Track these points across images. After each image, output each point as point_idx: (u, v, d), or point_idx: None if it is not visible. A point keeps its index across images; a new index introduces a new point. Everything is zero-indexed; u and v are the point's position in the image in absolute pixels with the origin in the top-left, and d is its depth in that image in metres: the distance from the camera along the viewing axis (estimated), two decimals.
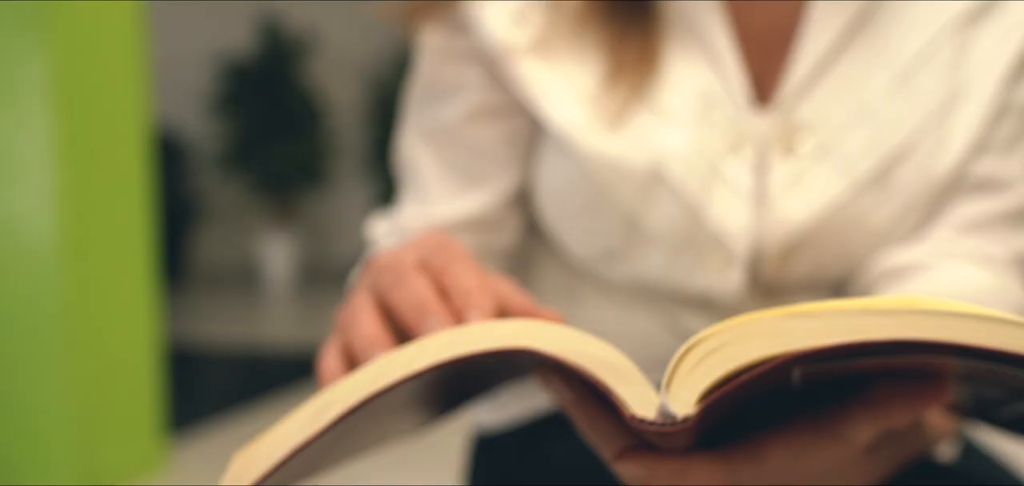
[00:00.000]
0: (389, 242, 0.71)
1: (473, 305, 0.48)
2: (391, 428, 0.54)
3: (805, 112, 0.64)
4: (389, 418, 0.49)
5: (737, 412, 0.42)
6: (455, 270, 0.50)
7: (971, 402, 0.48)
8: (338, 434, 0.42)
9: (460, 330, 0.38)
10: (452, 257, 0.51)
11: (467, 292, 0.48)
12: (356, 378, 0.38)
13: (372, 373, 0.38)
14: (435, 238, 0.54)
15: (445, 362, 0.38)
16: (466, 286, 0.49)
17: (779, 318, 0.34)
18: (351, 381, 0.38)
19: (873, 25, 0.64)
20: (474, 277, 0.49)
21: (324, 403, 0.38)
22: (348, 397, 0.38)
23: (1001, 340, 0.33)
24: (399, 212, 0.72)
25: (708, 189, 0.63)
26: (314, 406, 0.38)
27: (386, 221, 0.72)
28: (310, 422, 0.38)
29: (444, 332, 0.38)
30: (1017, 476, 0.67)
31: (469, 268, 0.50)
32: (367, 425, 0.46)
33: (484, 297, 0.48)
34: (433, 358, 0.38)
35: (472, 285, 0.49)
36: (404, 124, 0.73)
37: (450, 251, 0.52)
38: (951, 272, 0.62)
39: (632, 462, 0.40)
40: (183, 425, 2.63)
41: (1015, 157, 0.64)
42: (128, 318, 2.30)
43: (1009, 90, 0.64)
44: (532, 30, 0.66)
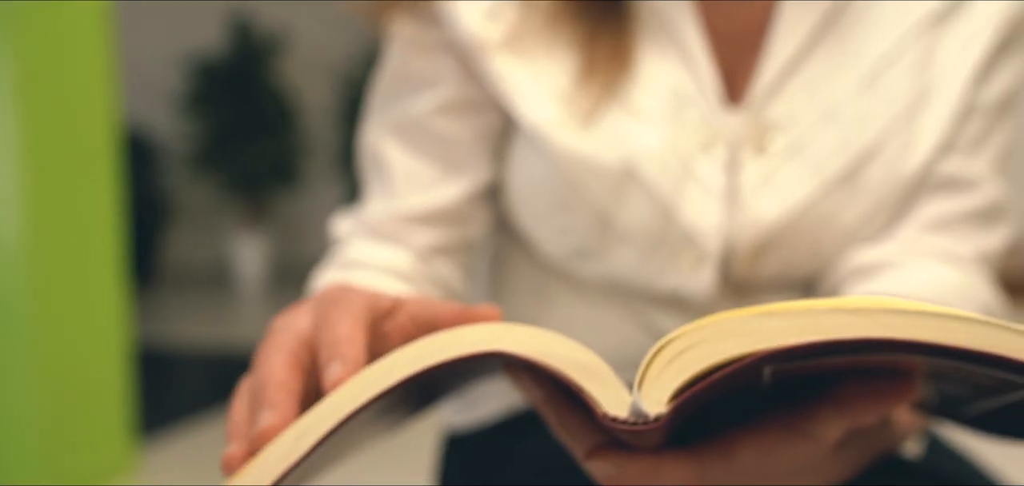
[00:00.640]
0: (354, 238, 0.70)
1: (336, 356, 0.43)
2: (364, 436, 0.54)
3: (775, 111, 0.64)
4: (363, 428, 0.49)
5: (708, 410, 0.42)
6: (330, 321, 0.46)
7: (937, 400, 0.49)
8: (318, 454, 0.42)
9: (433, 338, 0.38)
10: (334, 307, 0.47)
11: (334, 343, 0.44)
12: (333, 400, 0.38)
13: (349, 393, 0.38)
14: (331, 293, 0.50)
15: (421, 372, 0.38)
16: (334, 338, 0.45)
17: (749, 318, 0.35)
18: (327, 404, 0.38)
19: (842, 25, 0.65)
20: (346, 328, 0.45)
21: (303, 429, 0.38)
22: (326, 421, 0.38)
23: (965, 339, 0.33)
24: (364, 208, 0.71)
25: (680, 188, 0.64)
26: (294, 433, 0.38)
27: (350, 218, 0.72)
28: (292, 450, 0.38)
29: (418, 342, 0.38)
30: (981, 472, 0.68)
31: (345, 319, 0.46)
32: (343, 440, 0.46)
33: (351, 347, 0.44)
34: (407, 370, 0.38)
35: (341, 336, 0.45)
36: (369, 117, 0.72)
37: (338, 303, 0.47)
38: (919, 271, 0.63)
39: (603, 460, 0.40)
40: (154, 427, 2.61)
41: (981, 157, 0.65)
42: (97, 319, 2.28)
43: (975, 91, 0.65)
44: (505, 26, 0.66)
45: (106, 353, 2.30)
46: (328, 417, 0.38)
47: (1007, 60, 0.65)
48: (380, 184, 0.70)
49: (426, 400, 0.57)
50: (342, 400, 0.38)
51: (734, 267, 0.65)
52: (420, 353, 0.38)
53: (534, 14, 0.66)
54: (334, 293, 0.49)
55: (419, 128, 0.69)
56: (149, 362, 3.03)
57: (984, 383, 0.39)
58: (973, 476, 0.66)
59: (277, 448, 0.38)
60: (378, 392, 0.38)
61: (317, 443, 0.38)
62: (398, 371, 0.38)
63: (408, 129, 0.69)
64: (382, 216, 0.69)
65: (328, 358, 0.43)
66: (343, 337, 0.44)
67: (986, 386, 0.39)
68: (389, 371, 0.38)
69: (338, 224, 0.72)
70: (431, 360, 0.38)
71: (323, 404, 0.39)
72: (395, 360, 0.38)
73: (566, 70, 0.65)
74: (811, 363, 0.37)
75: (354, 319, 0.46)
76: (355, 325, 0.45)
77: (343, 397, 0.38)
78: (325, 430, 0.38)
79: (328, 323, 0.46)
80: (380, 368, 0.38)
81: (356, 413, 0.39)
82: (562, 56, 0.65)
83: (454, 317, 0.48)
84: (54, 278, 2.15)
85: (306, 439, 0.38)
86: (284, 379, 0.44)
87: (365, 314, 0.47)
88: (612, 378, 0.37)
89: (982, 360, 0.34)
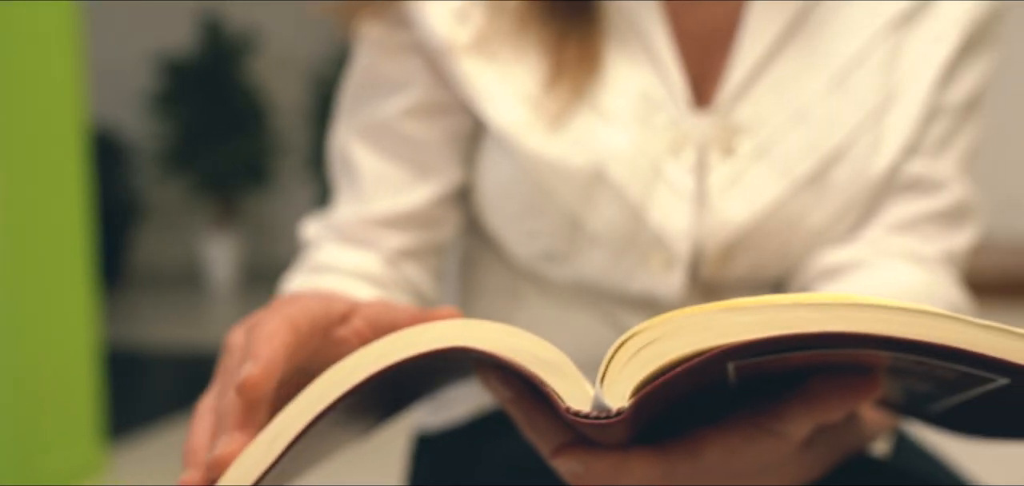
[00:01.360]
0: (323, 242, 0.70)
1: (250, 356, 0.42)
2: (335, 439, 0.54)
3: (743, 113, 0.65)
4: (335, 431, 0.49)
5: (675, 409, 0.42)
6: (259, 325, 0.45)
7: (903, 398, 0.49)
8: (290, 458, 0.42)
9: (398, 335, 0.38)
10: (268, 312, 0.46)
11: (255, 343, 0.43)
12: (301, 402, 0.38)
13: (316, 392, 0.38)
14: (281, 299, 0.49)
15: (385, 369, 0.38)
16: (256, 338, 0.44)
17: (712, 312, 0.35)
18: (295, 406, 0.38)
19: (810, 27, 0.65)
20: (269, 328, 0.44)
21: (275, 433, 0.38)
22: (297, 422, 0.38)
23: (927, 332, 0.33)
24: (333, 211, 0.71)
25: (649, 190, 0.64)
26: (266, 437, 0.38)
27: (319, 221, 0.71)
28: (264, 455, 0.38)
29: (381, 340, 0.38)
30: (948, 470, 0.69)
31: (271, 320, 0.45)
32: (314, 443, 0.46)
33: (268, 346, 0.43)
34: (373, 367, 0.38)
35: (262, 335, 0.44)
36: (338, 120, 0.72)
37: (274, 309, 0.46)
38: (886, 271, 0.64)
39: (569, 457, 0.40)
40: (124, 429, 2.59)
41: (947, 158, 0.66)
42: (66, 321, 2.26)
43: (941, 92, 0.65)
44: (474, 28, 0.66)
45: (75, 354, 2.27)
46: (298, 419, 0.38)
47: (972, 61, 0.66)
48: (349, 187, 0.70)
49: (397, 403, 0.56)
50: (310, 401, 0.38)
51: (703, 269, 0.65)
52: (385, 350, 0.38)
53: (502, 17, 0.66)
54: (281, 300, 0.49)
55: (388, 131, 0.69)
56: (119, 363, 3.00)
57: (946, 378, 0.39)
58: (940, 474, 0.67)
59: (251, 453, 0.38)
60: (346, 390, 0.38)
61: (289, 445, 0.38)
62: (364, 369, 0.38)
63: (377, 132, 0.69)
64: (351, 219, 0.69)
65: (244, 358, 0.43)
66: (264, 336, 0.43)
67: (948, 381, 0.40)
68: (355, 369, 0.38)
69: (307, 227, 0.72)
70: (396, 356, 0.38)
71: (293, 406, 0.38)
72: (361, 358, 0.38)
73: (534, 73, 0.65)
74: (775, 358, 0.37)
75: (281, 320, 0.44)
76: (281, 326, 0.44)
77: (311, 397, 0.38)
78: (296, 431, 0.38)
79: (256, 327, 0.45)
80: (346, 366, 0.38)
81: (325, 413, 0.38)
82: (530, 59, 0.65)
83: (412, 320, 0.47)
84: (22, 279, 2.12)
85: (279, 442, 0.38)
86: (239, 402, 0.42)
87: (301, 317, 0.45)
88: (575, 373, 0.37)
89: (941, 354, 0.34)
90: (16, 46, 2.10)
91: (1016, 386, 0.36)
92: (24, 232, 2.13)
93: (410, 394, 0.57)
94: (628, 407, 0.35)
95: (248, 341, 0.44)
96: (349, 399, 0.41)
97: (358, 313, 0.48)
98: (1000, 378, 0.36)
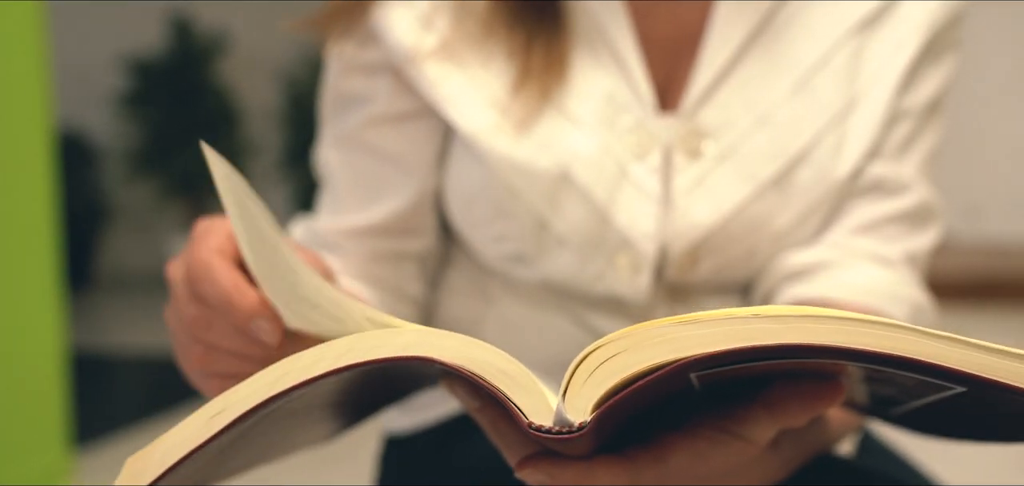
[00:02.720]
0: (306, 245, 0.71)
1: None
2: (302, 434, 0.54)
3: (709, 116, 0.65)
4: (298, 423, 0.49)
5: (641, 415, 0.42)
6: (210, 277, 0.49)
7: (868, 400, 0.49)
8: (240, 439, 0.41)
9: (358, 337, 0.38)
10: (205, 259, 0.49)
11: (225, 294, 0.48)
12: (252, 384, 0.38)
13: (268, 380, 0.38)
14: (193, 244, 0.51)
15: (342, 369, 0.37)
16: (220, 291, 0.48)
17: (672, 326, 0.35)
18: (246, 387, 0.38)
19: (773, 32, 0.66)
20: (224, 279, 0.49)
21: (219, 408, 0.38)
22: (243, 403, 0.38)
23: (884, 344, 0.34)
24: (317, 217, 0.73)
25: (615, 192, 0.64)
26: (209, 411, 0.38)
27: (305, 225, 0.73)
28: (204, 427, 0.38)
29: (343, 340, 0.38)
30: (912, 469, 0.69)
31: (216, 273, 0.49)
32: (272, 430, 0.45)
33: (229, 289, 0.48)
34: (330, 365, 0.37)
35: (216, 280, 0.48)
36: (321, 131, 0.73)
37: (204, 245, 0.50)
38: (850, 272, 0.64)
39: (534, 468, 0.40)
40: (91, 435, 2.56)
41: (909, 161, 0.67)
42: (32, 325, 2.23)
43: (901, 97, 0.66)
44: (439, 34, 0.66)
45: (41, 359, 2.25)
46: (244, 401, 0.38)
47: (933, 65, 0.67)
48: (330, 197, 0.72)
49: (366, 407, 0.56)
50: (263, 384, 0.38)
51: (670, 270, 0.66)
52: (348, 350, 0.38)
53: (468, 22, 0.66)
54: (199, 234, 0.52)
55: (356, 141, 0.70)
56: (86, 368, 2.97)
57: (907, 385, 0.40)
58: (904, 473, 0.68)
59: (192, 423, 0.38)
60: (297, 383, 0.37)
61: (230, 425, 0.38)
62: (324, 364, 0.37)
63: (347, 142, 0.70)
64: (327, 228, 0.71)
65: (199, 297, 0.49)
66: (217, 281, 0.48)
67: (909, 387, 0.40)
68: (314, 363, 0.38)
69: (295, 228, 0.74)
70: (355, 359, 0.38)
71: (243, 386, 0.38)
72: (320, 354, 0.38)
73: (501, 78, 0.65)
74: (738, 368, 0.37)
75: (211, 255, 0.49)
76: (216, 262, 0.49)
77: (264, 382, 0.38)
78: (239, 412, 0.37)
79: (205, 271, 0.49)
80: (306, 359, 0.38)
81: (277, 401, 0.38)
82: (497, 64, 0.66)
83: None
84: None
85: (219, 419, 0.37)
86: None
87: (226, 245, 0.50)
88: (537, 387, 0.37)
89: (898, 364, 0.34)
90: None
91: (972, 393, 0.37)
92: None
93: (378, 399, 0.57)
94: (590, 422, 0.35)
95: (201, 284, 0.49)
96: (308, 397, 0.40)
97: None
98: (956, 387, 0.36)
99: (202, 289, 0.49)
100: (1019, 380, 0.34)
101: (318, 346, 0.38)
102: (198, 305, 0.49)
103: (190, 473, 0.40)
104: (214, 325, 0.49)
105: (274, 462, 0.55)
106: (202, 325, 0.50)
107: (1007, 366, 0.34)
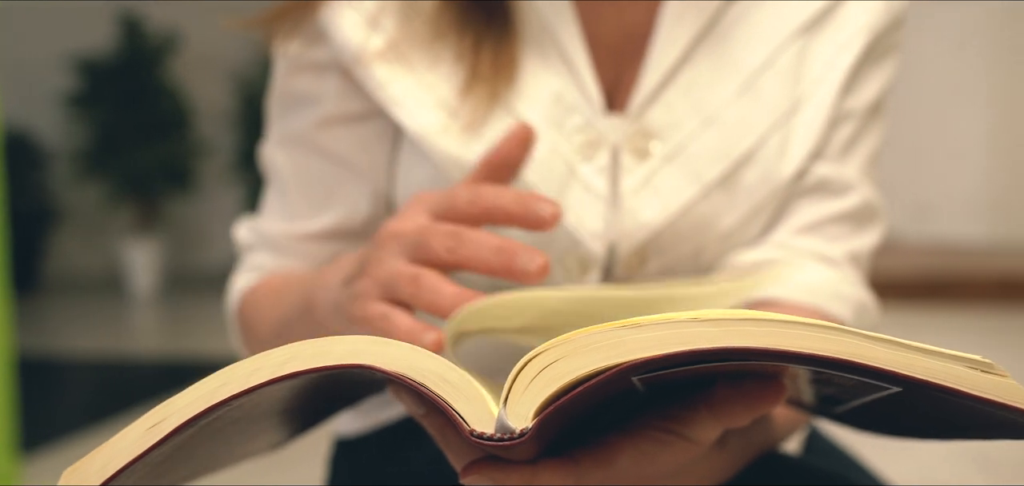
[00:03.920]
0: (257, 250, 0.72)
1: None
2: (249, 443, 0.53)
3: (656, 117, 0.66)
4: (243, 432, 0.48)
5: (587, 417, 0.42)
6: (471, 243, 0.52)
7: (812, 399, 0.50)
8: (182, 448, 0.41)
9: (299, 346, 0.38)
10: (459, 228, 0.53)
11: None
12: (191, 393, 0.37)
13: (208, 389, 0.37)
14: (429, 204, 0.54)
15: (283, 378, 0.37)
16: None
17: (612, 330, 0.35)
18: (186, 396, 0.37)
19: (719, 33, 0.67)
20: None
21: (159, 418, 0.37)
22: (183, 412, 0.37)
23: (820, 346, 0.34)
24: (263, 218, 0.72)
25: (563, 193, 0.64)
26: (148, 421, 0.37)
27: (251, 228, 0.72)
28: (144, 437, 0.37)
29: (284, 348, 0.38)
30: (857, 466, 0.70)
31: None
32: (216, 440, 0.45)
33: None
34: (270, 374, 0.37)
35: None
36: (267, 128, 0.73)
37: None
38: (796, 271, 0.65)
39: (479, 474, 0.40)
40: (40, 441, 2.52)
41: (852, 161, 0.68)
42: None
43: (844, 98, 0.67)
44: (387, 35, 0.66)
45: None
46: (185, 410, 0.37)
47: (875, 68, 0.68)
48: (278, 199, 0.72)
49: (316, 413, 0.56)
50: (204, 393, 0.37)
51: (618, 270, 0.66)
52: (287, 358, 0.37)
53: (416, 23, 0.66)
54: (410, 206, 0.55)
55: (308, 143, 0.69)
56: (34, 373, 2.92)
57: (846, 385, 0.40)
58: (849, 470, 0.69)
59: (131, 432, 0.37)
60: (236, 392, 0.37)
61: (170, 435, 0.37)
62: (262, 374, 0.37)
63: (298, 143, 0.70)
64: (280, 234, 0.71)
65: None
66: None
67: (848, 387, 0.41)
68: (254, 372, 0.37)
69: (238, 229, 0.73)
70: (296, 368, 0.37)
71: (181, 396, 0.38)
72: (261, 363, 0.37)
73: (450, 80, 0.65)
74: (679, 370, 0.37)
75: None
76: None
77: (206, 390, 0.37)
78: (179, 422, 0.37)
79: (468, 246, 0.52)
80: (246, 368, 0.37)
81: (216, 410, 0.37)
82: (445, 66, 0.66)
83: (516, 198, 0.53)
84: None
85: (160, 428, 0.37)
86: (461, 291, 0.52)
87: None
88: (478, 394, 0.37)
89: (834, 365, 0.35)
90: None
91: (907, 393, 0.37)
92: None
93: (327, 405, 0.56)
94: (531, 428, 0.36)
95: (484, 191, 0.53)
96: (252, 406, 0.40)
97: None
98: (892, 387, 0.37)
99: (484, 194, 0.52)
100: (949, 380, 0.34)
101: (257, 355, 0.38)
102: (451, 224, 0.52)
103: (131, 484, 0.40)
104: (469, 240, 0.52)
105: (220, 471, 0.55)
106: (453, 240, 0.52)
107: (938, 366, 0.34)
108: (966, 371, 0.34)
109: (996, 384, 0.34)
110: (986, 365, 0.34)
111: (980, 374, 0.34)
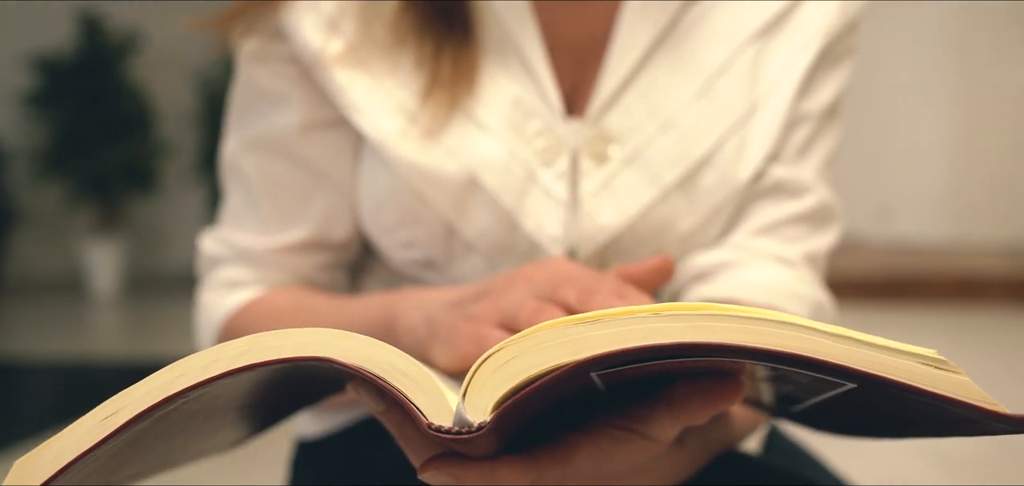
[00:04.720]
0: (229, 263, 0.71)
1: None
2: (206, 440, 0.53)
3: (615, 121, 0.66)
4: (200, 427, 0.48)
5: (547, 415, 0.43)
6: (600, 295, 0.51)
7: (771, 398, 0.50)
8: (137, 442, 0.40)
9: (256, 338, 0.37)
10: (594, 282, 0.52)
11: None
12: (147, 384, 0.37)
13: (164, 380, 0.37)
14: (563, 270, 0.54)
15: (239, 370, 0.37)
16: None
17: (571, 326, 0.35)
18: (141, 387, 0.37)
19: (677, 37, 0.67)
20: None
21: (113, 409, 0.37)
22: (137, 404, 0.37)
23: (775, 341, 0.34)
24: (231, 229, 0.71)
25: (523, 197, 0.65)
26: (102, 412, 0.37)
27: (218, 239, 0.71)
28: (97, 428, 0.37)
29: (240, 340, 0.38)
30: (816, 464, 0.71)
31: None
32: (172, 434, 0.44)
33: None
34: (227, 366, 0.37)
35: None
36: (227, 130, 0.72)
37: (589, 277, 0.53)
38: (752, 272, 0.66)
39: (437, 470, 0.40)
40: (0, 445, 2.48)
41: (808, 163, 0.69)
42: None
43: (800, 101, 0.68)
44: (347, 39, 0.65)
45: None
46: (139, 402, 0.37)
47: (830, 71, 0.69)
48: (246, 205, 0.70)
49: (276, 411, 0.56)
50: (159, 384, 0.37)
51: None
52: (243, 351, 0.37)
53: (375, 28, 0.66)
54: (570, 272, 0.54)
55: (280, 149, 0.69)
56: None
57: (802, 382, 0.41)
58: (807, 469, 0.69)
59: (84, 423, 0.37)
60: (192, 383, 0.37)
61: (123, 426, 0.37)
62: (218, 366, 0.37)
63: (268, 148, 0.69)
64: (255, 247, 0.70)
65: None
66: None
67: (804, 384, 0.41)
68: (212, 363, 0.37)
69: (204, 243, 0.72)
70: (254, 360, 0.37)
71: (137, 387, 0.37)
72: (217, 354, 0.37)
73: (409, 86, 0.65)
74: (639, 367, 0.38)
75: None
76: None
77: (160, 382, 0.37)
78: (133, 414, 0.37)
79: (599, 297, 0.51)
80: (204, 359, 0.37)
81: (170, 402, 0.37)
82: (406, 72, 0.65)
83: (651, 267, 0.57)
84: None
85: (113, 420, 0.37)
86: None
87: None
88: (437, 387, 0.37)
89: (788, 361, 0.35)
90: None
91: (862, 389, 0.38)
92: None
93: (286, 403, 0.56)
94: (490, 421, 0.36)
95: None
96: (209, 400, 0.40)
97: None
98: (846, 383, 0.37)
99: (628, 297, 0.52)
100: (904, 376, 0.35)
101: (215, 346, 0.38)
102: None
103: (84, 476, 0.39)
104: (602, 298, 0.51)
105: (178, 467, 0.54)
106: (586, 294, 0.51)
107: (892, 362, 0.35)
108: (920, 367, 0.35)
109: (950, 381, 0.35)
110: (940, 362, 0.35)
111: (934, 370, 0.35)
